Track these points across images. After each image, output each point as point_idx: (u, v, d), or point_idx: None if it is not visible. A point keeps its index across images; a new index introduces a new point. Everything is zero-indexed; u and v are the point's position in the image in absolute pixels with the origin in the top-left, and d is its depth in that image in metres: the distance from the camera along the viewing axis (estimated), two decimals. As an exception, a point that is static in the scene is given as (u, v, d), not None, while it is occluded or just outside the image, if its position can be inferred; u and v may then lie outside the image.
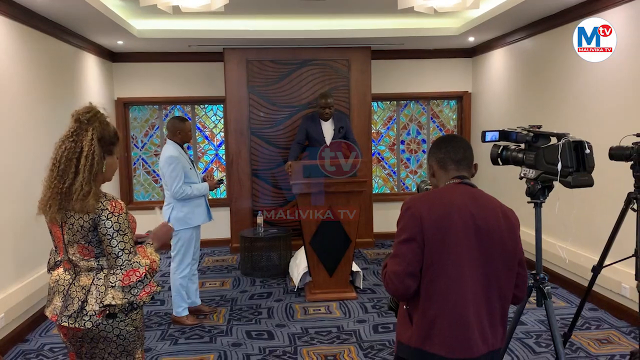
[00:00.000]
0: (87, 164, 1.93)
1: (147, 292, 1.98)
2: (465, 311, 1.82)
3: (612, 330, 4.03)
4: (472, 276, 1.84)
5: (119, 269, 1.95)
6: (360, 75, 6.57)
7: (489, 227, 1.86)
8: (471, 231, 1.84)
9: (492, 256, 1.86)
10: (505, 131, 2.68)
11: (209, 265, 6.18)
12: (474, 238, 1.85)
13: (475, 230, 1.85)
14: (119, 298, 1.93)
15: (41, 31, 4.67)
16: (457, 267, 1.83)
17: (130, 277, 1.94)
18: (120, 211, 1.97)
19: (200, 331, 4.22)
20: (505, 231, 1.88)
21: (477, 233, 1.85)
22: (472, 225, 1.85)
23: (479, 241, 1.85)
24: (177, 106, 7.07)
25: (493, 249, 1.86)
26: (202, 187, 4.30)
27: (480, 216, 1.86)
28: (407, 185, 7.41)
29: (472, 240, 1.85)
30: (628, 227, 3.24)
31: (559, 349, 2.46)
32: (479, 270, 1.85)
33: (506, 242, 1.87)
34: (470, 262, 1.84)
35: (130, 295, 1.94)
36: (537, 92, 5.47)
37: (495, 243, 1.86)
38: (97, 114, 2.00)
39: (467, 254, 1.84)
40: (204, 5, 3.49)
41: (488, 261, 1.85)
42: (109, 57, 6.59)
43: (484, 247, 1.85)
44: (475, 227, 1.85)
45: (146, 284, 1.98)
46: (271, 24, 5.92)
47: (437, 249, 1.83)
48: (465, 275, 1.83)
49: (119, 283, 1.93)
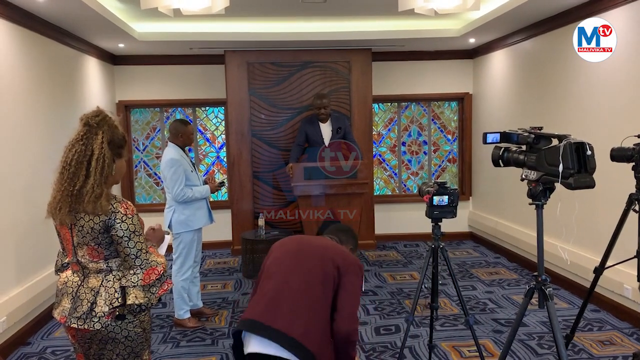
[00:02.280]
0: (99, 166, 1.95)
1: (165, 289, 2.03)
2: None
3: (615, 331, 4.02)
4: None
5: (138, 269, 1.99)
6: (361, 77, 6.58)
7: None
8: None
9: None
10: (507, 133, 2.67)
11: (211, 267, 6.18)
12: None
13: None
14: (141, 297, 1.97)
15: (42, 34, 4.67)
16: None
17: (150, 276, 1.99)
18: (132, 212, 2.01)
19: (202, 334, 4.22)
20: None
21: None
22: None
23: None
24: (178, 109, 7.08)
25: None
26: (204, 189, 4.30)
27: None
28: (408, 187, 7.41)
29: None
30: (630, 228, 3.23)
31: (561, 351, 2.45)
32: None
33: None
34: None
35: (149, 293, 1.99)
36: (538, 93, 5.47)
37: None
38: (105, 118, 2.03)
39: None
40: (204, 8, 3.49)
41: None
42: (110, 60, 6.60)
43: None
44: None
45: (163, 281, 2.03)
46: (272, 26, 5.93)
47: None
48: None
49: (141, 282, 1.98)
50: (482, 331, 4.09)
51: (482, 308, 4.61)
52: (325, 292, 2.26)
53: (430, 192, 2.94)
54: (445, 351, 3.76)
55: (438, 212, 2.96)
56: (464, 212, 7.22)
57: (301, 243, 2.51)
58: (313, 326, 2.17)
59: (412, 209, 7.06)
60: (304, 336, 2.11)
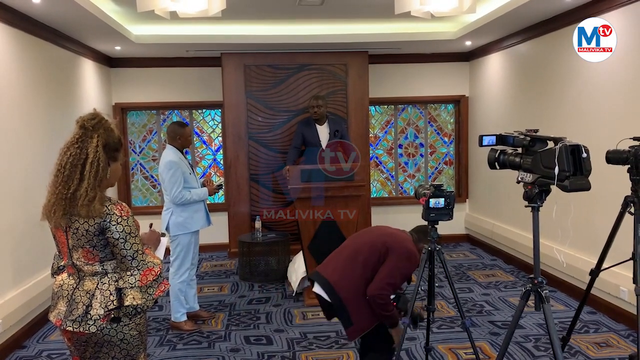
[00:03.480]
0: (93, 170, 1.95)
1: (162, 290, 2.03)
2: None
3: (611, 333, 4.03)
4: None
5: (135, 270, 1.98)
6: (357, 80, 6.59)
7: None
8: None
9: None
10: (503, 135, 2.68)
11: (207, 270, 6.18)
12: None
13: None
14: (139, 298, 1.96)
15: (38, 37, 4.67)
16: None
17: (147, 277, 1.98)
18: (128, 214, 2.00)
19: (198, 337, 4.21)
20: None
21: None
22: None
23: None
24: (175, 111, 7.08)
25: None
26: (202, 192, 4.31)
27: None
28: (405, 189, 7.41)
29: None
30: (625, 230, 3.24)
31: (558, 353, 2.46)
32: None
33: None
34: None
35: (147, 294, 1.98)
36: (534, 95, 5.49)
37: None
38: (102, 121, 2.02)
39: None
40: (201, 11, 3.49)
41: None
42: (106, 63, 6.59)
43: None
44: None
45: (160, 282, 2.02)
46: (269, 28, 5.94)
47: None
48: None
49: (138, 283, 1.97)
50: (479, 333, 4.10)
51: (478, 310, 4.62)
52: (368, 260, 2.90)
53: (427, 194, 2.95)
54: (442, 354, 3.76)
55: (434, 215, 2.97)
56: (460, 215, 7.23)
57: (373, 227, 3.36)
58: (347, 280, 2.88)
59: (409, 212, 7.06)
60: (336, 283, 2.89)
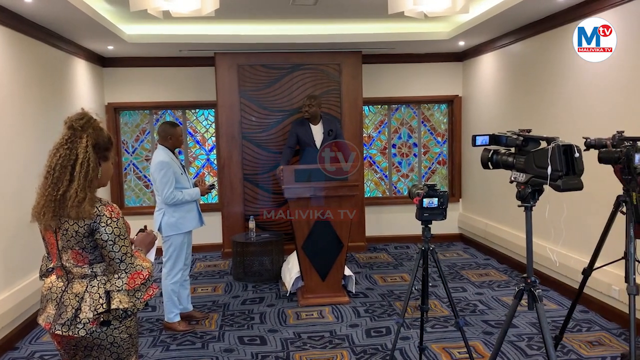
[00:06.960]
0: (82, 171, 1.92)
1: (150, 294, 2.00)
2: None
3: (603, 332, 4.05)
4: None
5: (123, 273, 1.96)
6: (351, 80, 6.59)
7: None
8: None
9: None
10: (496, 135, 2.69)
11: (201, 270, 6.16)
12: None
13: None
14: (126, 302, 1.94)
15: (30, 36, 4.63)
16: None
17: (135, 280, 1.96)
18: (118, 216, 1.98)
19: (192, 337, 4.19)
20: None
21: None
22: None
23: None
24: (168, 111, 7.05)
25: None
26: (194, 192, 4.29)
27: None
28: (398, 189, 7.42)
29: None
30: (617, 229, 3.26)
31: (550, 352, 2.47)
32: None
33: None
34: None
35: (134, 298, 1.96)
36: (527, 95, 5.51)
37: None
38: (90, 120, 1.99)
39: None
40: (194, 10, 3.48)
41: None
42: (99, 62, 6.56)
43: None
44: None
45: (148, 286, 2.00)
46: (262, 28, 5.92)
47: None
48: None
49: (125, 287, 1.95)
50: (472, 333, 4.11)
51: (472, 309, 4.63)
52: None
53: (420, 194, 2.96)
54: (435, 353, 3.77)
55: (428, 214, 2.98)
56: (453, 214, 7.25)
57: None
58: None
59: (403, 211, 7.08)
60: None
